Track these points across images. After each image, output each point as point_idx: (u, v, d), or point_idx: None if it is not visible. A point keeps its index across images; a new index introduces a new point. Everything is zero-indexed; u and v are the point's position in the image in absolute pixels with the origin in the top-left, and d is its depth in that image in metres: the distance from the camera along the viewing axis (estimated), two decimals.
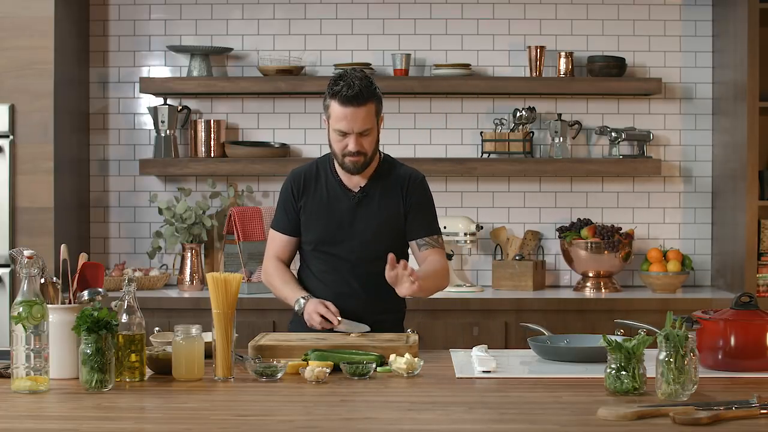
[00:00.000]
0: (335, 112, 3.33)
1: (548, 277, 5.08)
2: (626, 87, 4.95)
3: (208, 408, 2.50)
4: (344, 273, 3.45)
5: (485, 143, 4.99)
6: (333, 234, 3.45)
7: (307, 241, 3.51)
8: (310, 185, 3.49)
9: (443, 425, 2.32)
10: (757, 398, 2.40)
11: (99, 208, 5.13)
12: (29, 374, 2.64)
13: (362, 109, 3.31)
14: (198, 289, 4.85)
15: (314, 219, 3.47)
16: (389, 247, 3.38)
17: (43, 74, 4.60)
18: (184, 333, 2.81)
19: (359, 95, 3.30)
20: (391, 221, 3.46)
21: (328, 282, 3.47)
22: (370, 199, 3.45)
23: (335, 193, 3.46)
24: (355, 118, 3.31)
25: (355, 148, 3.34)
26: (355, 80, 3.31)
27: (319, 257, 3.49)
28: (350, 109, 3.30)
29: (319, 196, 3.47)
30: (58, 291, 2.87)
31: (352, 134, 3.33)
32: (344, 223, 3.44)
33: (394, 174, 3.49)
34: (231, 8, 5.11)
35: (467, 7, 5.08)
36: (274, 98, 5.09)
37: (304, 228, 3.50)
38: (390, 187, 3.47)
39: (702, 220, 5.11)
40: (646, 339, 2.62)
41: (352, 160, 3.37)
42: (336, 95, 3.31)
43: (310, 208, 3.48)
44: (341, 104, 3.31)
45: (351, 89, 3.29)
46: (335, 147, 3.38)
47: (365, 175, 3.45)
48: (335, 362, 2.87)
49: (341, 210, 3.44)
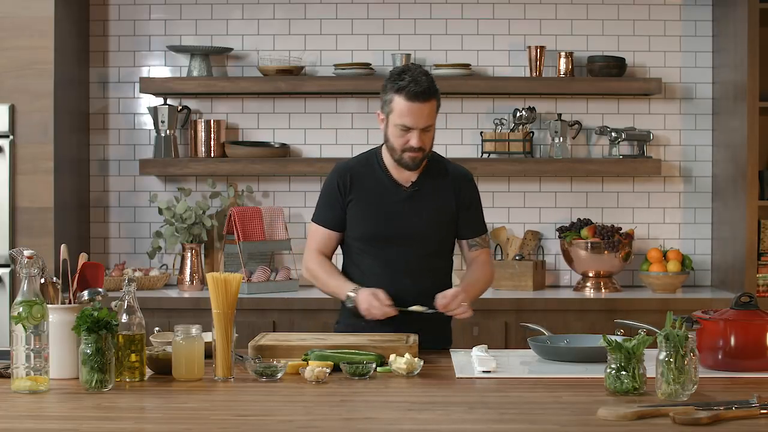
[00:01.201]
0: (400, 107, 3.30)
1: (548, 277, 5.08)
2: (626, 87, 4.95)
3: (208, 408, 2.50)
4: (396, 269, 3.41)
5: (485, 143, 4.99)
6: (384, 229, 3.40)
7: (355, 236, 3.45)
8: (358, 180, 3.44)
9: (443, 425, 2.32)
10: (757, 398, 2.40)
11: (99, 208, 5.13)
12: (29, 374, 2.64)
13: (427, 105, 3.30)
14: (198, 289, 4.85)
15: (364, 214, 3.42)
16: (440, 242, 3.44)
17: (43, 74, 4.60)
18: (184, 333, 2.81)
19: (427, 91, 3.29)
20: (443, 216, 3.44)
21: (378, 279, 3.40)
22: (423, 194, 3.42)
23: (386, 187, 3.42)
24: (421, 114, 3.29)
25: (418, 144, 3.31)
26: (421, 76, 3.30)
27: (369, 253, 3.44)
28: (417, 105, 3.28)
29: (368, 191, 3.42)
30: (58, 291, 2.87)
31: (415, 130, 3.30)
32: (396, 218, 3.40)
33: (445, 170, 3.49)
34: (231, 8, 5.11)
35: (467, 7, 5.08)
36: (274, 98, 5.09)
37: (353, 223, 3.44)
38: (442, 184, 3.45)
39: (702, 220, 5.11)
40: (646, 339, 2.62)
41: (412, 156, 3.34)
42: (402, 90, 3.29)
43: (359, 203, 3.43)
44: (408, 99, 3.28)
45: (419, 85, 3.27)
46: (395, 142, 3.35)
47: (416, 171, 3.43)
48: (335, 362, 2.88)
49: (392, 204, 3.41)
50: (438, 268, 3.49)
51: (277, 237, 4.95)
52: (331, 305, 4.58)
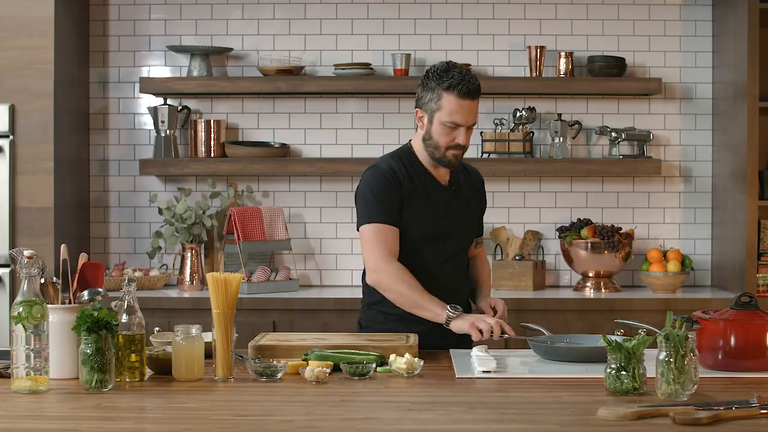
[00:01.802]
0: (450, 104, 3.32)
1: (548, 277, 5.08)
2: (626, 87, 4.95)
3: (208, 408, 2.50)
4: (457, 267, 3.52)
5: (485, 143, 4.99)
6: (437, 226, 3.45)
7: (414, 236, 3.42)
8: (406, 178, 3.43)
9: (443, 425, 2.32)
10: (757, 398, 2.40)
11: (99, 208, 5.13)
12: (29, 374, 2.64)
13: (475, 103, 3.36)
14: (198, 289, 4.85)
15: (419, 213, 3.42)
16: (469, 239, 3.59)
17: (43, 74, 4.60)
18: (184, 333, 2.81)
19: (478, 89, 3.35)
20: (475, 213, 3.60)
21: (443, 279, 3.44)
22: (459, 192, 3.51)
23: (431, 187, 3.45)
24: (471, 111, 3.34)
25: (465, 141, 3.36)
26: (468, 74, 3.34)
27: (431, 253, 3.44)
28: (468, 102, 3.32)
29: (417, 190, 3.43)
30: (58, 291, 2.87)
31: (463, 127, 3.34)
32: (443, 216, 3.46)
33: (465, 170, 3.59)
34: (231, 8, 5.11)
35: (467, 7, 5.08)
36: (274, 98, 5.09)
37: (411, 221, 3.42)
38: (469, 182, 3.58)
39: (702, 220, 5.11)
40: (646, 339, 2.62)
41: (455, 153, 3.38)
42: (453, 88, 3.30)
43: (413, 201, 3.42)
44: (460, 97, 3.31)
45: (471, 83, 3.32)
46: (441, 140, 3.36)
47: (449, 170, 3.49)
48: (335, 362, 2.87)
49: (441, 202, 3.47)
50: (464, 264, 3.59)
51: (277, 237, 4.95)
52: (331, 305, 4.58)
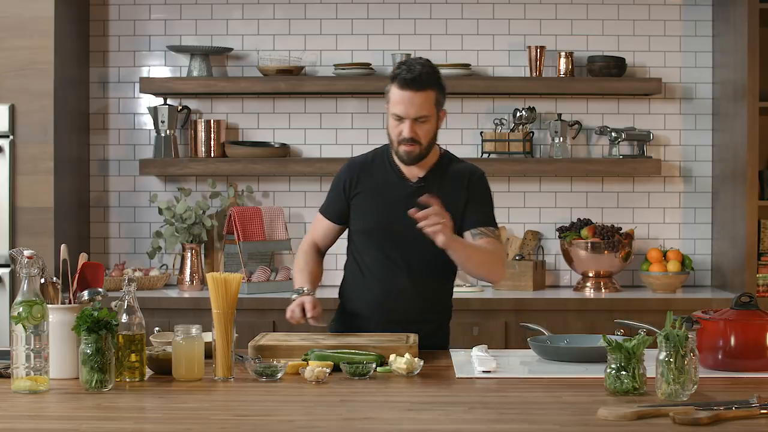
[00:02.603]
0: (393, 95, 3.28)
1: (548, 277, 5.08)
2: (626, 87, 4.95)
3: (208, 408, 2.50)
4: (396, 266, 3.36)
5: (485, 143, 4.99)
6: (386, 222, 3.35)
7: (358, 229, 3.42)
8: (366, 174, 3.42)
9: (443, 425, 2.32)
10: (757, 398, 2.40)
11: (99, 208, 5.13)
12: (29, 374, 2.64)
13: (420, 94, 3.24)
14: (198, 289, 4.85)
15: (367, 206, 3.40)
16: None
17: (43, 74, 4.60)
18: (184, 333, 2.81)
19: (418, 80, 3.23)
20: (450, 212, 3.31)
21: (379, 277, 3.38)
22: (428, 190, 3.30)
23: (391, 180, 3.38)
24: (412, 103, 3.24)
25: (409, 134, 3.26)
26: (417, 65, 3.26)
27: (371, 248, 3.39)
28: (408, 93, 3.24)
29: (375, 184, 3.40)
30: (58, 291, 2.87)
31: (407, 120, 3.26)
32: (397, 212, 3.31)
33: (455, 168, 3.42)
34: (231, 8, 5.11)
35: (467, 7, 5.08)
36: (274, 98, 5.09)
37: (356, 216, 3.42)
38: (450, 181, 3.38)
39: (702, 220, 5.11)
40: (646, 339, 2.62)
41: (406, 150, 3.29)
42: (395, 78, 3.27)
43: (364, 196, 3.40)
44: (399, 87, 3.25)
45: (411, 73, 3.24)
46: (391, 133, 3.32)
47: (424, 167, 3.38)
48: (335, 362, 2.87)
49: (396, 198, 3.35)
50: (439, 272, 3.38)
51: (277, 237, 4.95)
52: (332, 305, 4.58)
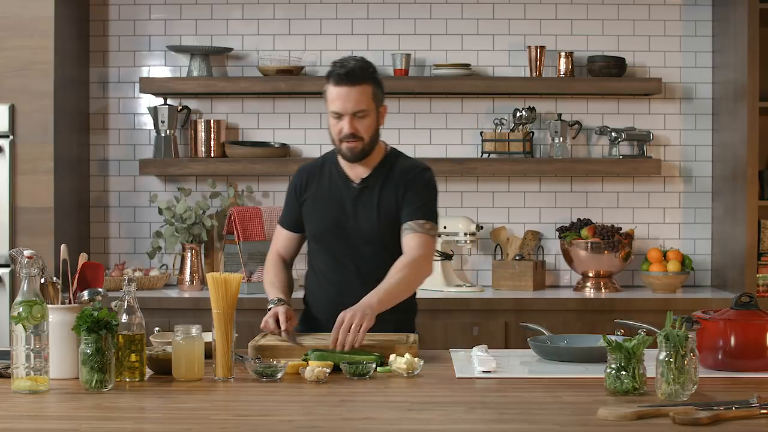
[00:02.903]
0: (330, 93, 3.27)
1: (548, 277, 5.08)
2: (626, 87, 4.95)
3: (208, 408, 2.50)
4: (347, 270, 3.38)
5: (485, 143, 4.99)
6: (333, 227, 3.37)
7: (310, 235, 3.46)
8: (313, 179, 3.44)
9: (443, 425, 2.32)
10: (757, 398, 2.40)
11: (99, 208, 5.13)
12: (29, 374, 2.64)
13: (356, 89, 3.24)
14: (198, 289, 4.85)
15: (314, 212, 3.41)
16: (390, 242, 3.34)
17: (43, 74, 4.60)
18: (184, 333, 2.81)
19: (352, 74, 3.23)
20: (389, 214, 3.34)
21: (332, 280, 3.41)
22: (370, 190, 3.35)
23: (337, 185, 3.39)
24: (348, 98, 3.23)
25: (350, 129, 3.25)
26: (351, 61, 3.26)
27: (322, 252, 3.42)
28: (344, 89, 3.24)
29: (320, 189, 3.41)
30: (58, 291, 2.87)
31: (346, 115, 3.25)
32: (344, 216, 3.36)
33: (397, 166, 3.39)
34: (231, 8, 5.11)
35: (467, 7, 5.08)
36: (274, 98, 5.09)
37: (307, 220, 3.45)
38: (391, 179, 3.36)
39: (702, 220, 5.11)
40: (646, 339, 2.62)
41: (349, 146, 3.28)
42: (330, 76, 3.27)
43: (312, 202, 3.42)
44: (335, 84, 3.25)
45: (344, 68, 3.24)
46: (332, 132, 3.31)
47: (368, 166, 3.37)
48: (335, 362, 2.87)
49: (341, 202, 3.37)
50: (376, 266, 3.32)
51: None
52: None
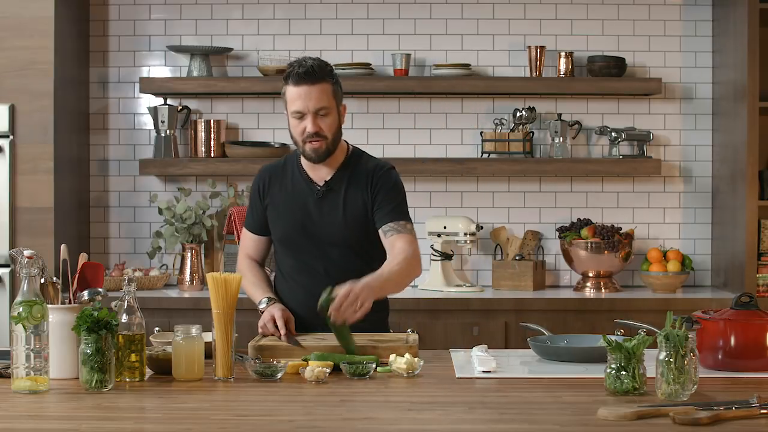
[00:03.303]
0: (290, 94, 3.25)
1: (548, 277, 5.08)
2: (626, 87, 4.95)
3: (208, 408, 2.50)
4: (315, 272, 3.35)
5: (485, 143, 4.99)
6: (299, 230, 3.35)
7: (275, 238, 3.44)
8: (275, 182, 3.42)
9: (443, 425, 2.32)
10: (757, 398, 2.40)
11: (99, 208, 5.13)
12: (29, 374, 2.64)
13: (316, 87, 3.23)
14: (198, 289, 4.85)
15: (279, 215, 3.40)
16: (358, 242, 3.34)
17: (43, 74, 4.60)
18: (184, 333, 2.81)
19: (311, 72, 3.22)
20: (356, 215, 3.33)
21: (300, 283, 3.38)
22: (335, 192, 3.34)
23: (300, 187, 3.37)
24: (309, 96, 3.22)
25: (313, 128, 3.24)
26: (309, 60, 3.26)
27: (289, 256, 3.41)
28: (304, 88, 3.22)
29: (284, 192, 3.39)
30: (58, 291, 2.87)
31: (308, 114, 3.24)
32: (309, 219, 3.34)
33: (361, 166, 3.38)
34: (231, 8, 5.11)
35: (467, 7, 5.08)
36: (274, 98, 5.09)
37: (271, 225, 3.43)
38: (355, 180, 3.35)
39: (702, 220, 5.11)
40: (646, 339, 2.62)
41: (312, 146, 3.27)
42: (288, 78, 3.25)
43: (274, 205, 3.40)
44: (294, 84, 3.24)
45: (302, 67, 3.23)
46: (295, 133, 3.29)
47: (331, 168, 3.36)
48: (335, 362, 2.87)
49: (305, 205, 3.35)
50: (359, 271, 3.27)
51: None
52: None
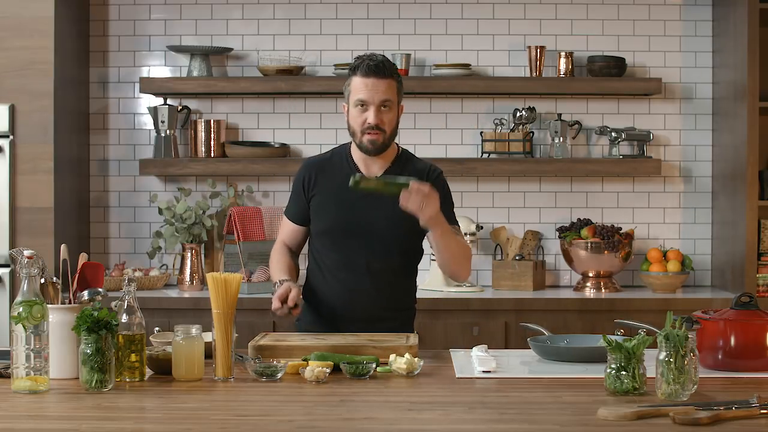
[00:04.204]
0: (356, 84, 3.31)
1: (548, 277, 5.08)
2: (626, 87, 4.96)
3: (208, 408, 2.50)
4: (356, 266, 3.37)
5: (485, 143, 4.99)
6: (345, 222, 3.37)
7: (318, 231, 3.44)
8: (323, 173, 3.43)
9: (443, 425, 2.32)
10: (757, 398, 2.40)
11: (99, 208, 5.13)
12: (29, 374, 2.64)
13: (384, 81, 3.29)
14: (198, 289, 4.85)
15: (325, 206, 3.41)
16: (402, 241, 3.37)
17: (43, 74, 4.60)
18: (184, 333, 2.81)
19: (381, 66, 3.30)
20: (407, 214, 3.28)
21: (339, 277, 3.40)
22: None
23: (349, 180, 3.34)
24: (377, 88, 3.28)
25: (375, 120, 3.28)
26: (379, 56, 3.34)
27: (331, 249, 3.41)
28: (372, 80, 3.28)
29: (332, 184, 3.40)
30: (58, 291, 2.87)
31: (372, 105, 3.29)
32: (356, 211, 3.36)
33: (413, 166, 3.43)
34: (231, 8, 5.11)
35: (467, 7, 5.08)
36: (274, 98, 5.09)
37: (315, 216, 3.43)
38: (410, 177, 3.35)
39: (702, 220, 5.11)
40: (646, 339, 2.62)
41: (371, 138, 3.31)
42: (357, 68, 3.31)
43: (321, 196, 3.42)
44: (363, 75, 3.29)
45: (373, 61, 3.30)
46: (354, 123, 3.33)
47: (383, 163, 3.39)
48: (335, 362, 2.87)
49: (354, 198, 3.35)
50: (401, 269, 3.41)
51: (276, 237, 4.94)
52: None
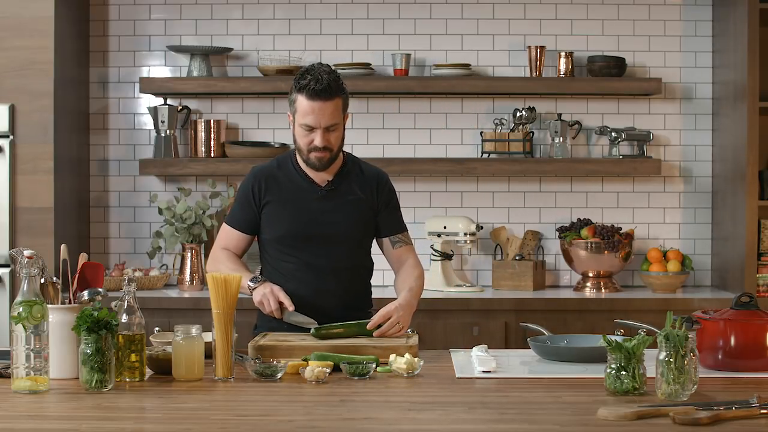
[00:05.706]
0: (302, 106, 3.30)
1: (548, 277, 5.08)
2: (626, 87, 4.95)
3: (208, 408, 2.51)
4: (318, 270, 3.41)
5: (485, 143, 4.99)
6: (303, 228, 3.40)
7: (274, 238, 3.45)
8: (273, 182, 3.45)
9: (443, 425, 2.33)
10: (757, 398, 2.40)
11: (99, 208, 5.13)
12: (29, 374, 2.64)
13: (330, 103, 3.29)
14: (198, 289, 4.85)
15: (281, 214, 3.42)
16: (360, 241, 3.45)
17: (43, 74, 4.60)
18: (184, 333, 2.81)
19: (327, 89, 3.27)
20: (362, 216, 3.44)
21: (304, 280, 3.41)
22: (339, 193, 3.43)
23: (301, 186, 3.42)
24: (323, 113, 3.28)
25: (322, 143, 3.31)
26: (323, 74, 3.29)
27: (290, 254, 3.43)
28: (318, 104, 3.27)
29: (285, 192, 3.42)
30: (58, 291, 2.87)
31: (318, 129, 3.30)
32: (313, 217, 3.40)
33: (362, 171, 3.50)
34: (231, 8, 5.11)
35: (467, 7, 5.08)
36: (274, 98, 5.09)
37: (271, 225, 3.44)
38: (359, 184, 3.46)
39: (702, 220, 5.11)
40: (646, 339, 2.62)
41: (318, 156, 3.34)
42: (303, 89, 3.28)
43: (275, 205, 3.43)
44: (309, 98, 3.28)
45: (319, 83, 3.26)
46: (301, 142, 3.35)
47: (331, 171, 3.43)
48: (335, 362, 2.87)
49: (309, 203, 3.41)
50: (359, 267, 3.51)
51: None
52: None
